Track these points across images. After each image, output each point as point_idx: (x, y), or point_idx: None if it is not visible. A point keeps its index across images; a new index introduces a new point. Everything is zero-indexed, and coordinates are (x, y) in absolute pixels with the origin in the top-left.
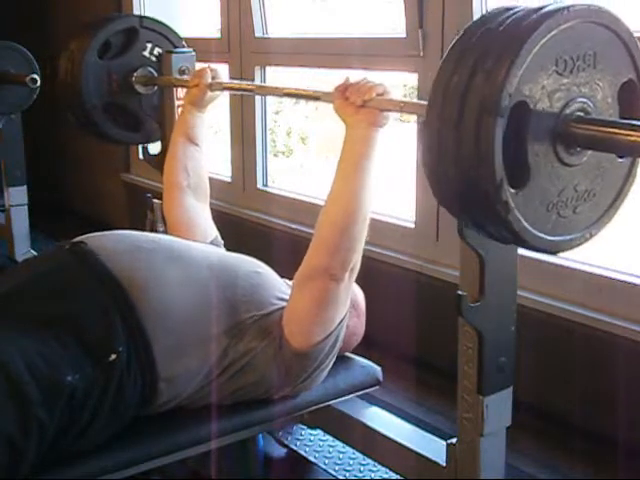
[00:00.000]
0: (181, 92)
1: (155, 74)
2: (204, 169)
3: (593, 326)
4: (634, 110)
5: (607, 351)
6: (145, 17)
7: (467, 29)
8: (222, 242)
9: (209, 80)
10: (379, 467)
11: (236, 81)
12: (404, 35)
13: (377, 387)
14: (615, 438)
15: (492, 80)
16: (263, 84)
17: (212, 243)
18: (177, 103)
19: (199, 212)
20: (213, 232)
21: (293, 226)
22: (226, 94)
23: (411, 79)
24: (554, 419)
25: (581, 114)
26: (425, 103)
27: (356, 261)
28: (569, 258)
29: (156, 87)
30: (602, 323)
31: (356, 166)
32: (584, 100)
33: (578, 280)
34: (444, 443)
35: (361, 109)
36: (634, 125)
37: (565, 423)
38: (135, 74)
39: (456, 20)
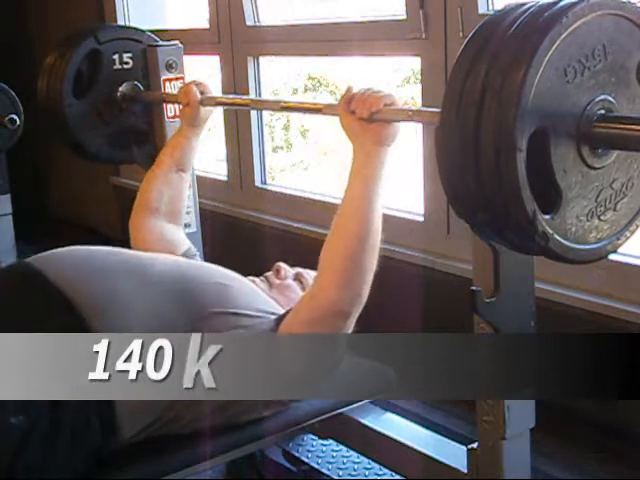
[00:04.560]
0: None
1: (139, 85)
2: (183, 196)
3: (623, 319)
4: None
5: None
6: (99, 29)
7: (470, 39)
8: (197, 253)
9: (198, 96)
10: (396, 476)
11: (230, 95)
12: (404, 16)
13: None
14: None
15: (504, 106)
16: (259, 98)
17: (185, 255)
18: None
19: (166, 231)
20: (185, 244)
21: (295, 225)
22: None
23: (414, 63)
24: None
25: (603, 112)
26: (437, 110)
27: (365, 295)
28: None
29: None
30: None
31: (365, 192)
32: (604, 97)
33: (601, 269)
34: (464, 448)
35: (369, 126)
36: None
37: (592, 422)
38: (119, 92)
39: None
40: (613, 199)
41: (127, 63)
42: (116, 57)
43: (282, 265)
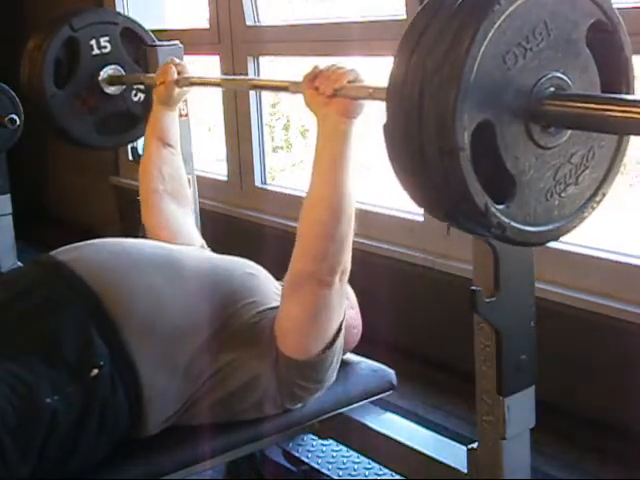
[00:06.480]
0: None
1: (120, 69)
2: (181, 172)
3: (622, 318)
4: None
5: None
6: (73, 15)
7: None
8: (209, 250)
9: (175, 76)
10: (396, 476)
11: (201, 75)
12: (404, 16)
13: (391, 392)
14: None
15: (443, 104)
16: (228, 77)
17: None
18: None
19: (180, 219)
20: (199, 240)
21: (295, 225)
22: (218, 89)
23: None
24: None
25: (552, 89)
26: None
27: (345, 262)
28: (590, 246)
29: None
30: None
31: (333, 164)
32: (551, 75)
33: (601, 269)
34: (464, 448)
35: (332, 100)
36: (615, 99)
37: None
38: (100, 78)
39: None
40: (574, 173)
41: (105, 47)
42: (93, 42)
43: None
